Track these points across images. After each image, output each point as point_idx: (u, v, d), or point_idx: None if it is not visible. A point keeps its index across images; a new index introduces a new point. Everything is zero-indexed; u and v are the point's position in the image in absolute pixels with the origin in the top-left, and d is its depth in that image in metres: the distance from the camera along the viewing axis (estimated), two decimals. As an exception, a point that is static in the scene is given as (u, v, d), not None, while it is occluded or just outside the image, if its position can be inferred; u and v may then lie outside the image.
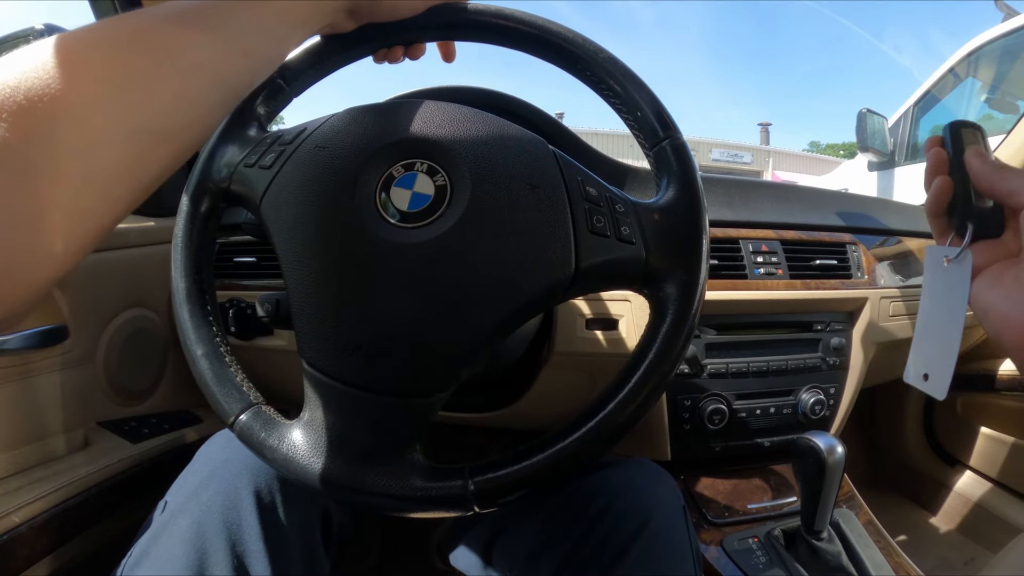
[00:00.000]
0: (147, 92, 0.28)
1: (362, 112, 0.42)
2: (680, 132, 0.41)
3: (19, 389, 0.70)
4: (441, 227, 0.37)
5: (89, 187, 0.26)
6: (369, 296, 0.37)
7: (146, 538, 0.45)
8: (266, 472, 0.49)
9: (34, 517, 0.63)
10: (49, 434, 0.74)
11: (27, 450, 0.70)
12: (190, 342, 0.41)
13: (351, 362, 0.37)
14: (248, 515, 0.46)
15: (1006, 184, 0.33)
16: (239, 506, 0.46)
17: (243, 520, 0.46)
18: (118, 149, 0.27)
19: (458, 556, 0.63)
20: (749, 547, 0.69)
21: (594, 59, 0.43)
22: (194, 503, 0.46)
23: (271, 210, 0.40)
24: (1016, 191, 0.32)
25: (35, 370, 0.71)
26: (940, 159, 0.37)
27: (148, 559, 0.43)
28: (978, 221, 0.35)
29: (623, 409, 0.37)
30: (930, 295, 0.38)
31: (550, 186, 0.38)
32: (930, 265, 0.37)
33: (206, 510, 0.45)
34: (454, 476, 0.36)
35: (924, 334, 0.38)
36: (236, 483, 0.47)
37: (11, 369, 0.68)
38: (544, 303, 0.38)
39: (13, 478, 0.67)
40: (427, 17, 0.45)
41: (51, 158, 0.24)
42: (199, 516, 0.45)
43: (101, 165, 0.27)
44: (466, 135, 0.40)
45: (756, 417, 0.77)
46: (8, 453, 0.68)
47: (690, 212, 0.39)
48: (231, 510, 0.46)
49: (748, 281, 0.74)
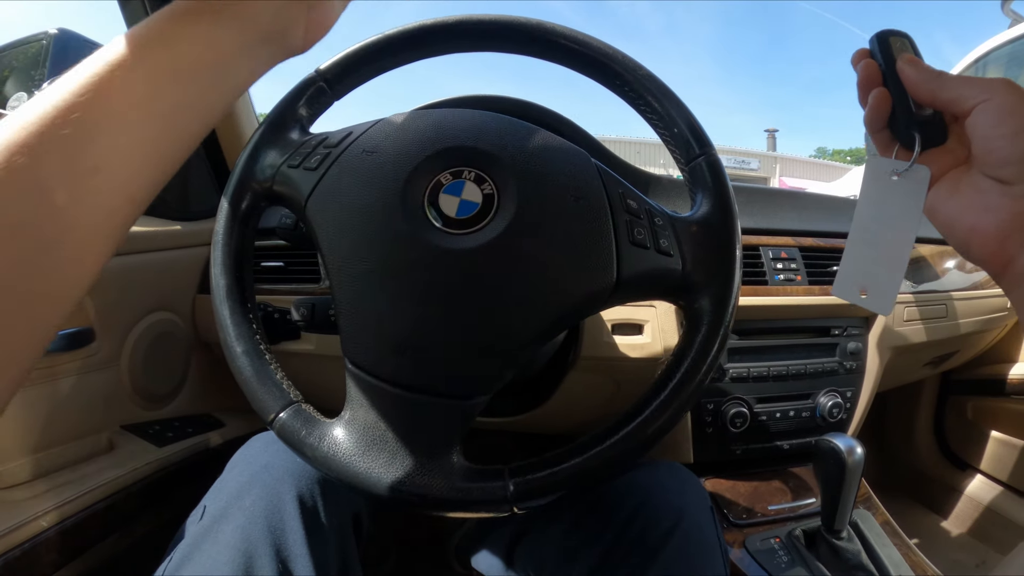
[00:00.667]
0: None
1: (409, 118, 0.43)
2: (714, 148, 0.42)
3: (44, 392, 0.70)
4: (489, 234, 0.38)
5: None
6: (417, 299, 0.38)
7: (187, 543, 0.45)
8: (307, 476, 0.49)
9: (62, 521, 0.62)
10: (74, 437, 0.74)
11: (52, 453, 0.71)
12: (230, 339, 0.41)
13: (397, 363, 0.38)
14: (291, 519, 0.46)
15: (947, 92, 0.32)
16: (282, 510, 0.46)
17: (286, 524, 0.46)
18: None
19: (480, 559, 0.63)
20: (771, 547, 0.70)
21: (633, 75, 0.44)
22: (236, 509, 0.46)
23: (317, 212, 0.41)
24: (959, 97, 0.31)
25: (60, 373, 0.72)
26: (871, 70, 0.35)
27: (191, 563, 0.43)
28: (923, 130, 0.34)
29: (659, 415, 0.38)
30: (873, 207, 0.37)
31: (593, 198, 0.39)
32: (873, 177, 0.36)
33: (250, 515, 0.45)
34: (494, 477, 0.36)
35: (863, 247, 0.37)
36: (279, 488, 0.47)
37: (36, 372, 0.68)
38: (586, 310, 0.39)
39: (39, 482, 0.67)
40: (469, 28, 0.45)
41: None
42: (243, 522, 0.45)
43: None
44: (512, 145, 0.40)
45: (776, 420, 0.78)
46: (33, 456, 0.68)
47: (725, 227, 0.41)
48: (275, 515, 0.46)
49: (768, 287, 0.76)
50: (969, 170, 0.32)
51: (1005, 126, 0.29)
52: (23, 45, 2.45)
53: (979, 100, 0.30)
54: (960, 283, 0.98)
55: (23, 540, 0.58)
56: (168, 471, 0.77)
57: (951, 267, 0.98)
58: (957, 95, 0.31)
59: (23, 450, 0.68)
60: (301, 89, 0.45)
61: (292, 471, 0.49)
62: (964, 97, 0.31)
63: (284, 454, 0.51)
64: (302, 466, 0.50)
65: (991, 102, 0.30)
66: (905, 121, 0.34)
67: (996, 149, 0.30)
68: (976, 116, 0.30)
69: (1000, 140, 0.29)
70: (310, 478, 0.49)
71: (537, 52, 0.46)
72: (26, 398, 0.67)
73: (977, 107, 0.30)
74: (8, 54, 2.53)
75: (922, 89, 0.33)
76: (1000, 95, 0.30)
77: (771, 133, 25.74)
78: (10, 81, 2.43)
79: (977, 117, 0.30)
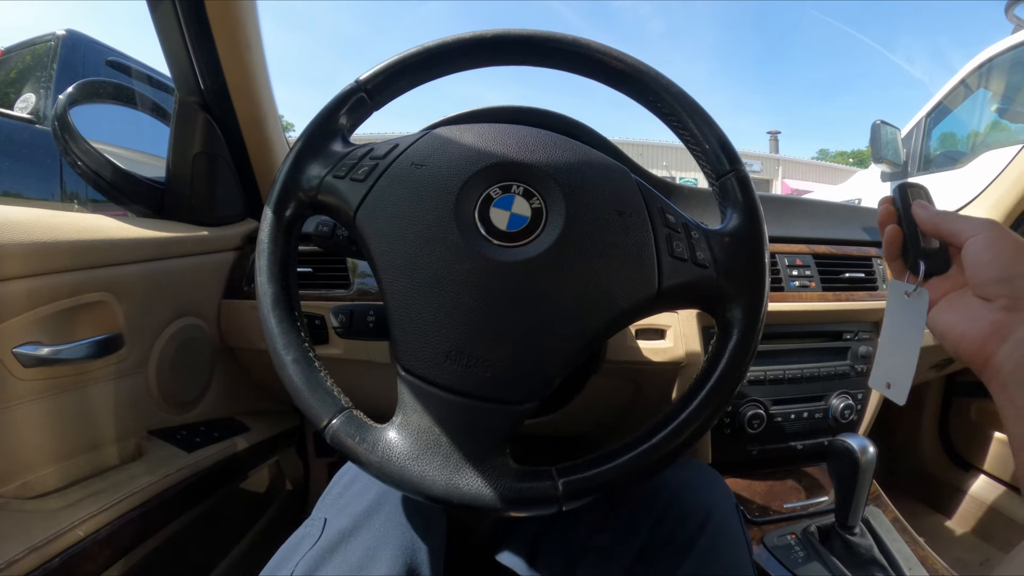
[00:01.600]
0: None
1: (457, 133, 0.44)
2: (743, 164, 0.44)
3: (74, 398, 0.70)
4: (539, 247, 0.40)
5: None
6: (471, 308, 0.39)
7: (312, 557, 0.46)
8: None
9: (98, 530, 0.62)
10: (103, 443, 0.74)
11: (81, 460, 0.71)
12: (279, 347, 0.41)
13: (451, 370, 0.39)
14: (418, 541, 0.48)
15: (948, 226, 0.39)
16: (410, 534, 0.48)
17: (414, 545, 0.47)
18: None
19: (505, 554, 0.65)
20: (788, 543, 0.72)
21: (667, 93, 0.45)
22: (365, 529, 0.48)
23: (367, 223, 0.42)
24: (957, 231, 0.38)
25: (90, 379, 0.72)
26: (889, 212, 0.44)
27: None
28: (929, 260, 0.41)
29: (696, 417, 0.39)
30: (892, 319, 0.44)
31: (635, 213, 0.41)
32: (892, 296, 0.44)
33: (380, 536, 0.47)
34: (543, 477, 0.38)
35: (887, 350, 0.45)
36: (407, 509, 0.49)
37: (66, 378, 0.68)
38: (630, 319, 0.41)
39: (72, 490, 0.67)
40: (509, 41, 0.46)
41: None
42: (372, 543, 0.46)
43: None
44: (559, 161, 0.42)
45: (791, 421, 0.81)
46: (62, 464, 0.68)
47: (754, 240, 0.43)
48: (405, 535, 0.47)
49: (784, 293, 0.78)
50: (964, 291, 0.39)
51: (987, 254, 0.36)
52: (31, 46, 2.46)
53: (970, 234, 0.37)
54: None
55: (61, 550, 0.58)
56: (199, 476, 0.77)
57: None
58: (955, 229, 0.38)
59: (52, 457, 0.68)
60: (342, 99, 0.46)
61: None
62: (960, 231, 0.38)
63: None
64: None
65: (979, 236, 0.37)
66: (914, 252, 0.41)
67: (981, 272, 0.36)
68: (968, 247, 0.37)
69: (983, 266, 0.36)
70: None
71: (574, 67, 0.48)
72: (56, 405, 0.67)
73: (968, 239, 0.37)
74: (16, 55, 2.54)
75: (928, 224, 0.40)
76: (986, 230, 0.37)
77: (773, 135, 25.79)
78: (18, 82, 2.43)
79: (968, 247, 0.37)
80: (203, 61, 0.78)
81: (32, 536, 0.56)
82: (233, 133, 0.85)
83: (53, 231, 0.63)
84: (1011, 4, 2.14)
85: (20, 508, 0.62)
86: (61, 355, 0.64)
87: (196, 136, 0.83)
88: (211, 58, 0.77)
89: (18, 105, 2.24)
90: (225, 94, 0.80)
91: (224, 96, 0.80)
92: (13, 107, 2.24)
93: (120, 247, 0.71)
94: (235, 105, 0.82)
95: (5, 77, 2.46)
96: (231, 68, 0.78)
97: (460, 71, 0.49)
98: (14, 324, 0.60)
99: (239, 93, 0.81)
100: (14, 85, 2.37)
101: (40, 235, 0.61)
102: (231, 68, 0.78)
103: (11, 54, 2.50)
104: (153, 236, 0.75)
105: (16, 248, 0.58)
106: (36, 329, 0.63)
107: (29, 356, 0.61)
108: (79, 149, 0.80)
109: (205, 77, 0.79)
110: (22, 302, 0.60)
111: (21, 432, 0.64)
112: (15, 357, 0.60)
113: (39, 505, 0.63)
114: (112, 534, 0.64)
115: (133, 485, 0.69)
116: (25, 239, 0.59)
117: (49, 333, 0.64)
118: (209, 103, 0.82)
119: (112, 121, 0.98)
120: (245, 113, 0.83)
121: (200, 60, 0.78)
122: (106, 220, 0.72)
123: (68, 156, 0.80)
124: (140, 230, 0.74)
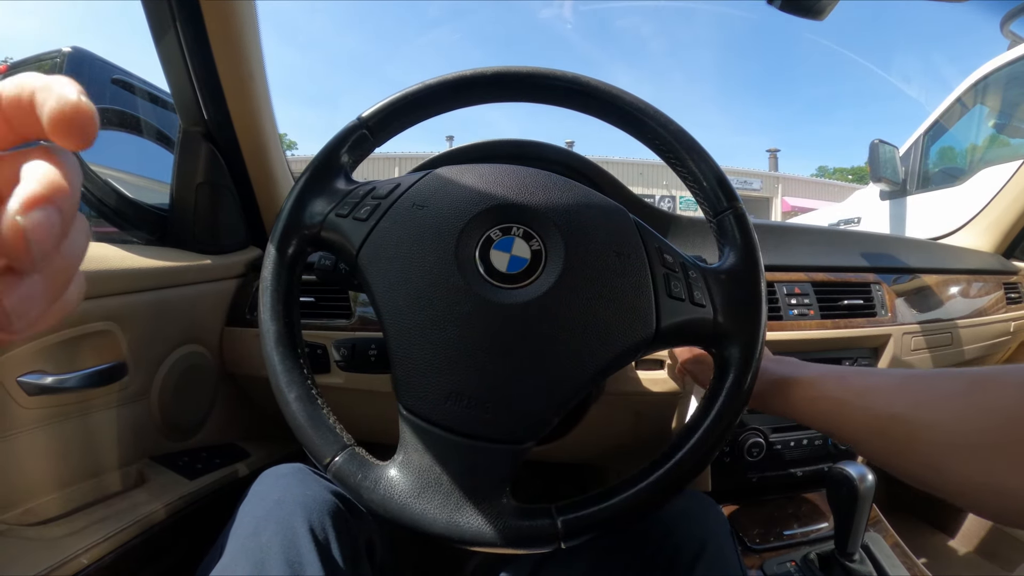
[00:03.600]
0: None
1: (457, 173, 0.45)
2: (741, 202, 0.45)
3: (76, 426, 0.70)
4: (539, 289, 0.40)
5: None
6: (472, 350, 0.40)
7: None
8: (319, 508, 0.50)
9: (102, 558, 0.62)
10: (105, 470, 0.74)
11: (84, 487, 0.71)
12: (282, 385, 0.42)
13: (452, 410, 0.39)
14: (307, 552, 0.47)
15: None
16: (298, 544, 0.47)
17: (303, 558, 0.46)
18: None
19: None
20: (787, 571, 0.72)
21: (665, 130, 0.46)
22: (253, 545, 0.47)
23: (370, 262, 0.43)
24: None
25: (93, 407, 0.72)
26: None
27: None
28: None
29: (694, 455, 0.40)
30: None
31: (634, 254, 0.42)
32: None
33: (266, 551, 0.46)
34: (543, 515, 0.38)
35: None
36: (292, 522, 0.48)
37: (70, 407, 0.68)
38: (628, 359, 0.42)
39: (76, 517, 0.67)
40: (508, 79, 0.47)
41: None
42: (260, 557, 0.46)
43: None
44: (557, 203, 0.43)
45: (790, 449, 0.81)
46: (65, 490, 0.69)
47: (751, 279, 0.43)
48: (291, 550, 0.46)
49: (783, 322, 0.79)
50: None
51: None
52: (36, 63, 2.48)
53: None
54: (964, 310, 1.00)
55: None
56: (201, 503, 0.78)
57: (955, 294, 1.01)
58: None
59: (55, 484, 0.68)
60: (344, 137, 0.47)
61: (304, 504, 0.50)
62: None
63: (296, 487, 0.52)
64: (313, 499, 0.51)
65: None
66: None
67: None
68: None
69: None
70: (322, 510, 0.50)
71: (572, 104, 0.48)
72: (59, 432, 0.68)
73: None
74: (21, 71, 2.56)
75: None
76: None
77: (772, 153, 25.98)
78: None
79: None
80: (207, 92, 0.79)
81: (37, 564, 0.57)
82: (236, 162, 0.85)
83: (59, 261, 0.63)
84: (1006, 20, 2.15)
85: (23, 535, 0.62)
86: (65, 384, 0.65)
87: (200, 165, 0.84)
88: (215, 89, 0.78)
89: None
90: (229, 124, 0.81)
91: (228, 126, 0.81)
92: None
93: (124, 277, 0.71)
94: (238, 135, 0.82)
95: (11, 94, 2.48)
96: (234, 99, 0.79)
97: (460, 108, 0.49)
98: (18, 353, 0.61)
99: (242, 123, 0.82)
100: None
101: (46, 265, 0.62)
102: (234, 99, 0.79)
103: (16, 70, 2.53)
104: (157, 265, 0.76)
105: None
106: (40, 358, 0.63)
107: (33, 385, 0.62)
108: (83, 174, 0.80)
109: (209, 108, 0.80)
110: (27, 332, 0.61)
111: (24, 459, 0.64)
112: (19, 386, 0.61)
113: (42, 532, 0.64)
114: (115, 562, 0.64)
115: (136, 513, 0.69)
116: (31, 270, 0.60)
117: (53, 362, 0.65)
118: (213, 133, 0.83)
119: (115, 146, 0.99)
120: (248, 143, 0.84)
121: (204, 91, 0.79)
122: (111, 249, 0.72)
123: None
124: (144, 259, 0.75)
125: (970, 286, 1.05)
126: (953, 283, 1.01)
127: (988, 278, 1.10)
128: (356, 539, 0.53)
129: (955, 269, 1.05)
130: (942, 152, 2.68)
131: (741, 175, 22.70)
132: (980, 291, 1.06)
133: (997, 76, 2.32)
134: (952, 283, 1.01)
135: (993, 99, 2.39)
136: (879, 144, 2.53)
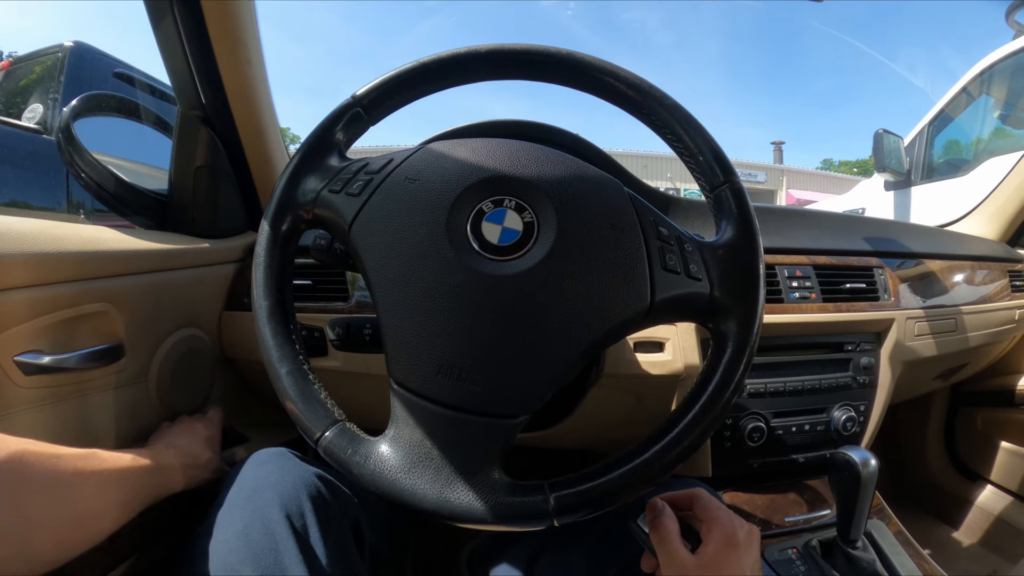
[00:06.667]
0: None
1: (450, 148, 0.45)
2: (738, 176, 0.44)
3: (73, 407, 0.70)
4: (530, 261, 0.40)
5: None
6: (463, 322, 0.39)
7: (183, 568, 0.47)
8: (295, 494, 0.50)
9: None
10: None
11: None
12: (274, 360, 0.42)
13: (443, 383, 0.39)
14: (284, 540, 0.47)
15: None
16: (273, 532, 0.47)
17: (279, 546, 0.46)
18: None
19: (499, 572, 0.65)
20: (789, 557, 0.71)
21: (661, 104, 0.45)
22: (230, 533, 0.47)
23: (362, 237, 0.42)
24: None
25: (90, 388, 0.72)
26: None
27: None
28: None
29: (690, 432, 0.39)
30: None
31: (628, 226, 0.41)
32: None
33: (243, 540, 0.46)
34: (535, 492, 0.38)
35: None
36: (268, 511, 0.48)
37: (66, 387, 0.68)
38: (622, 333, 0.41)
39: None
40: (502, 57, 0.46)
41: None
42: (237, 545, 0.46)
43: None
44: (551, 175, 0.42)
45: (792, 434, 0.80)
46: None
47: (749, 253, 0.42)
48: (266, 538, 0.46)
49: (784, 305, 0.78)
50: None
51: None
52: (39, 57, 2.50)
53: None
54: (969, 297, 1.00)
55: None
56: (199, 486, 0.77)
57: (960, 281, 1.00)
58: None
59: None
60: (338, 115, 0.47)
61: (280, 491, 0.50)
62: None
63: (273, 475, 0.52)
64: (292, 484, 0.51)
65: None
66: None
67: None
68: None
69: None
70: (298, 496, 0.50)
71: (565, 81, 0.48)
72: (56, 413, 0.68)
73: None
74: (24, 66, 2.57)
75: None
76: None
77: (777, 146, 26.02)
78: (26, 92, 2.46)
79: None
80: (204, 76, 0.79)
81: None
82: (234, 147, 0.85)
83: (57, 242, 0.63)
84: (1011, 10, 2.14)
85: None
86: (63, 364, 0.65)
87: (198, 149, 0.83)
88: (212, 73, 0.78)
89: (25, 115, 2.28)
90: (226, 108, 0.81)
91: (225, 110, 0.81)
92: (21, 117, 2.27)
93: (121, 259, 0.71)
94: (236, 119, 0.82)
95: (13, 87, 2.50)
96: (232, 83, 0.79)
97: (454, 86, 0.49)
98: (16, 333, 0.60)
99: (240, 108, 0.82)
100: (22, 95, 2.41)
101: (44, 246, 0.61)
102: (232, 83, 0.79)
103: (20, 65, 2.55)
104: (155, 248, 0.76)
105: (20, 258, 0.59)
106: (37, 338, 0.63)
107: (30, 364, 0.61)
108: (83, 161, 0.80)
109: (207, 92, 0.80)
110: (24, 311, 0.61)
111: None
112: (16, 365, 0.61)
113: (39, 514, 0.64)
114: (111, 542, 0.62)
115: (134, 495, 0.69)
116: (29, 250, 0.60)
117: (50, 342, 0.65)
118: (211, 117, 0.83)
119: (116, 133, 0.99)
120: (246, 127, 0.84)
121: (201, 75, 0.79)
122: (108, 232, 0.72)
123: (72, 168, 0.80)
124: (142, 242, 0.75)
125: (975, 273, 1.04)
126: (958, 270, 1.00)
127: (993, 265, 1.09)
128: (340, 524, 0.53)
129: (960, 255, 1.04)
130: (947, 142, 2.67)
131: (745, 168, 22.70)
132: (985, 278, 1.05)
133: (1003, 66, 2.31)
134: (956, 270, 1.00)
135: (998, 89, 2.38)
136: (883, 134, 2.51)
